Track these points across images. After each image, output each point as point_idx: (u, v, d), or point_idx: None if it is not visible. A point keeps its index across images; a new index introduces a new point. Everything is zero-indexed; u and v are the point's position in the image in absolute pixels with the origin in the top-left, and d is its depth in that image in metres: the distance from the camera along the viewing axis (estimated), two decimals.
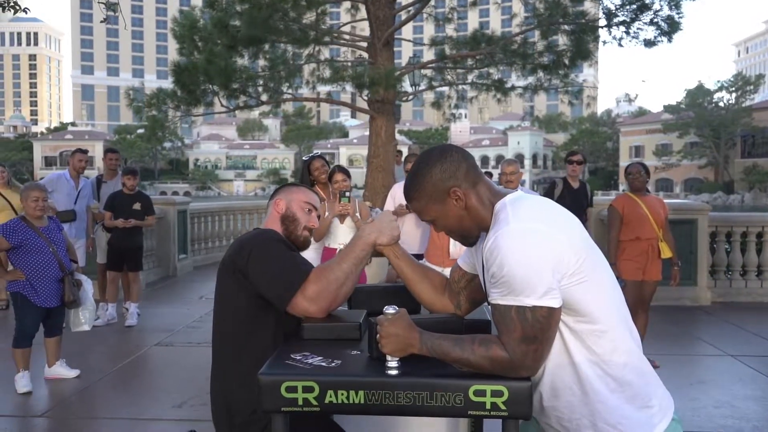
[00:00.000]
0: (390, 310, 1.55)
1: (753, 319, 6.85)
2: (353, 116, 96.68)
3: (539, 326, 1.44)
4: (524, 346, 1.44)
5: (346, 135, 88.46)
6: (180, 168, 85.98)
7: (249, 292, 1.93)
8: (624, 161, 62.15)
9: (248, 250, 1.94)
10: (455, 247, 4.99)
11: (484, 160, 77.32)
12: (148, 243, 7.93)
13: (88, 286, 4.81)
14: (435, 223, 1.68)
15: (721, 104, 57.02)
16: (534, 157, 79.85)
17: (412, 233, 5.74)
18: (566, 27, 9.51)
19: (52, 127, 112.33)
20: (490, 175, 10.76)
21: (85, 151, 6.80)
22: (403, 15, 10.88)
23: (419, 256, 5.01)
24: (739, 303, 7.45)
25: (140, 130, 72.08)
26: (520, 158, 72.10)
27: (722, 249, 7.99)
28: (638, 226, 5.52)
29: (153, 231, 8.50)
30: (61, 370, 4.74)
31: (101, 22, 7.42)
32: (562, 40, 10.20)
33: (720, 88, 56.97)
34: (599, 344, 1.52)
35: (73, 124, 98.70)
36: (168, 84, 10.41)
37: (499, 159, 76.50)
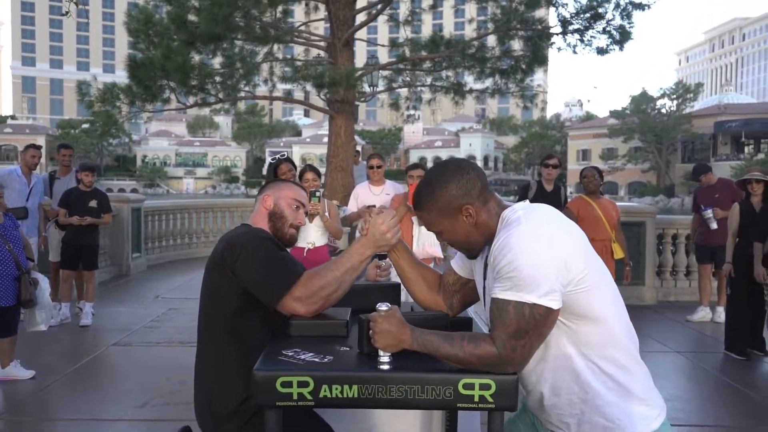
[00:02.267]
0: (383, 306, 1.61)
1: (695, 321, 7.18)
2: (306, 115, 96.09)
3: (534, 323, 1.49)
4: (514, 341, 1.50)
5: (299, 134, 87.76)
6: (127, 164, 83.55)
7: (238, 289, 1.95)
8: (572, 164, 63.80)
9: (238, 248, 1.96)
10: (418, 247, 5.08)
11: (437, 161, 78.09)
12: (101, 241, 7.74)
13: (45, 285, 4.69)
14: (441, 236, 1.72)
15: (664, 111, 59.13)
16: (486, 159, 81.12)
17: None
18: (523, 33, 9.75)
19: None
20: None
21: (39, 147, 6.60)
22: (362, 16, 10.92)
23: (383, 256, 5.07)
24: (684, 302, 7.81)
25: (85, 125, 69.89)
26: (471, 159, 73.05)
27: (668, 250, 8.35)
28: (592, 227, 5.72)
29: (106, 229, 8.30)
30: (16, 371, 4.59)
31: (63, 15, 7.20)
32: (517, 45, 10.44)
33: (662, 95, 59.05)
34: (600, 346, 1.59)
35: (12, 117, 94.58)
36: (115, 78, 10.17)
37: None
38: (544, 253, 1.49)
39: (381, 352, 1.59)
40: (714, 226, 6.64)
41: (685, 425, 4.08)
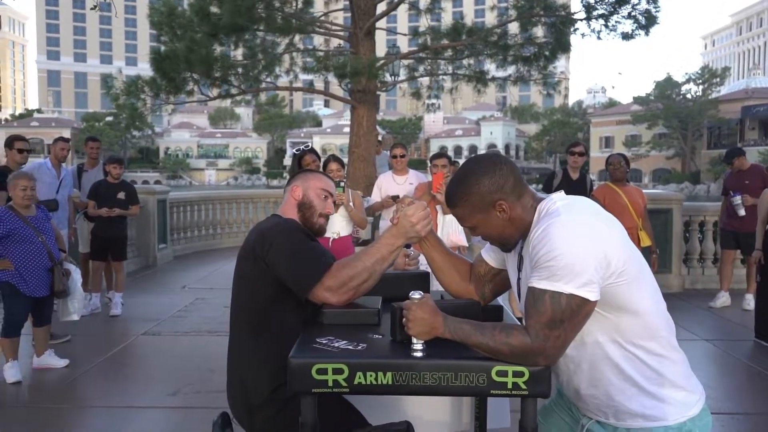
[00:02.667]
0: (416, 295, 1.62)
1: (732, 307, 7.10)
2: (326, 105, 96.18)
3: (569, 313, 1.49)
4: (548, 331, 1.50)
5: (319, 124, 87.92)
6: (150, 156, 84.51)
7: (269, 279, 1.98)
8: (594, 152, 63.02)
9: (270, 239, 1.99)
10: (442, 236, 5.08)
11: (458, 150, 77.70)
12: (128, 232, 7.86)
13: (77, 276, 4.79)
14: (475, 230, 1.72)
15: (689, 96, 58.10)
16: (507, 147, 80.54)
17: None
18: (546, 19, 9.64)
19: (17, 113, 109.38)
20: (455, 163, 10.80)
21: (67, 140, 6.70)
22: (383, 5, 10.89)
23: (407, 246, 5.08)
24: (711, 289, 7.70)
25: (109, 118, 70.77)
26: (492, 148, 72.71)
27: (695, 238, 8.24)
28: (619, 215, 5.59)
29: (133, 220, 8.43)
30: (51, 360, 4.72)
31: (92, 9, 7.29)
32: (540, 32, 10.32)
33: (687, 81, 57.99)
34: (638, 337, 1.59)
35: (39, 110, 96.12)
36: (138, 71, 10.27)
37: (473, 149, 77.02)
38: (583, 245, 1.48)
39: (414, 340, 1.61)
40: (742, 212, 6.56)
41: (715, 413, 4.04)
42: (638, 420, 1.62)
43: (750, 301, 6.63)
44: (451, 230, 5.09)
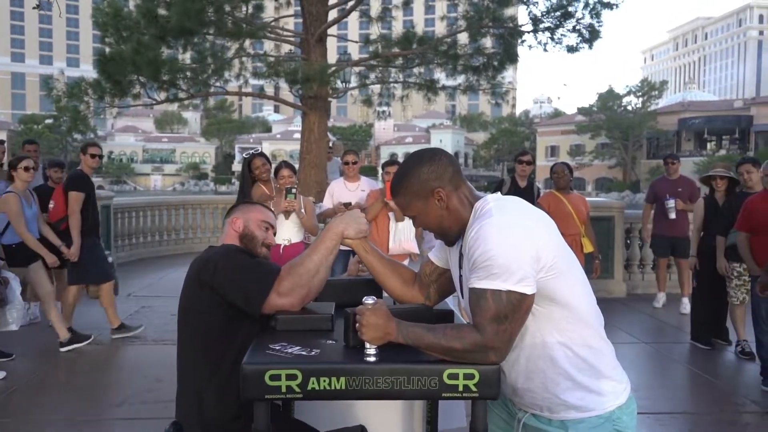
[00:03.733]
0: (369, 300, 1.64)
1: (662, 309, 7.40)
2: (276, 111, 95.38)
3: (511, 308, 1.56)
4: (495, 326, 1.56)
5: (269, 130, 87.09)
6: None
7: (218, 306, 1.96)
8: (540, 160, 64.51)
9: (213, 262, 1.98)
10: (395, 243, 5.14)
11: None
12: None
13: (16, 285, 4.62)
14: (416, 220, 1.79)
15: (629, 108, 60.21)
16: (456, 155, 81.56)
17: None
18: (494, 30, 9.87)
19: None
20: None
21: (2, 141, 6.46)
22: (335, 12, 10.91)
23: None
24: (651, 294, 8.00)
25: (49, 120, 68.23)
26: None
27: (635, 244, 8.55)
28: (563, 222, 5.84)
29: None
30: None
31: (33, 8, 7.04)
32: (489, 43, 10.54)
33: (628, 93, 60.10)
34: (571, 329, 1.68)
35: None
36: (80, 72, 9.96)
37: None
38: (515, 243, 1.56)
39: (367, 345, 1.63)
40: (673, 215, 6.89)
41: (653, 413, 4.21)
42: (571, 412, 1.69)
43: (686, 305, 6.93)
44: (403, 237, 5.15)
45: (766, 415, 4.12)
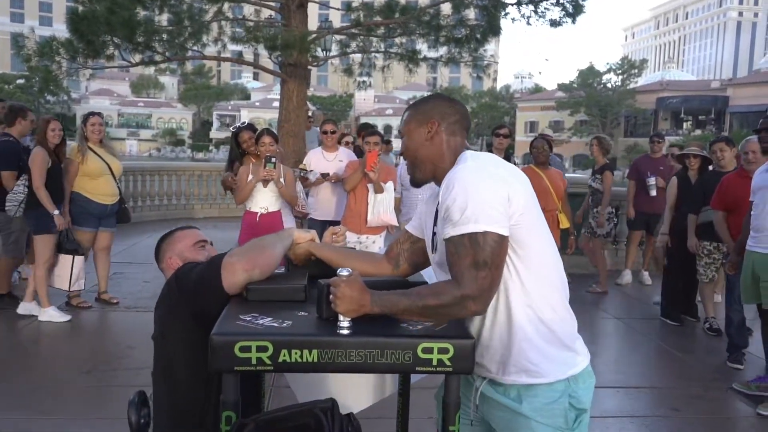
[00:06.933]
0: (344, 272, 1.60)
1: (635, 285, 7.52)
2: (256, 78, 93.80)
3: (489, 250, 1.53)
4: (474, 272, 1.53)
5: (248, 97, 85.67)
6: (66, 124, 79.37)
7: (189, 314, 1.87)
8: (520, 136, 64.63)
9: (173, 278, 1.94)
10: (373, 215, 5.10)
11: (387, 129, 77.81)
12: None
13: None
14: (403, 144, 1.83)
15: (609, 86, 60.43)
16: None
17: (327, 200, 5.78)
18: (478, 2, 9.73)
19: None
20: (389, 142, 10.86)
21: None
22: None
23: (336, 223, 5.08)
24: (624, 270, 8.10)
25: (20, 80, 66.38)
26: None
27: (611, 221, 8.61)
28: (541, 198, 5.71)
29: None
30: None
31: None
32: (472, 15, 10.41)
33: (608, 71, 60.21)
34: (536, 290, 1.65)
35: None
36: (53, 32, 9.63)
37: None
38: (488, 186, 1.57)
39: (341, 317, 1.59)
40: (653, 193, 7.01)
41: (624, 387, 4.29)
42: (522, 376, 1.67)
43: (647, 278, 7.48)
44: (381, 209, 5.11)
45: (729, 390, 4.21)
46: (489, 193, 1.56)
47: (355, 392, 2.27)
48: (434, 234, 1.76)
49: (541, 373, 1.66)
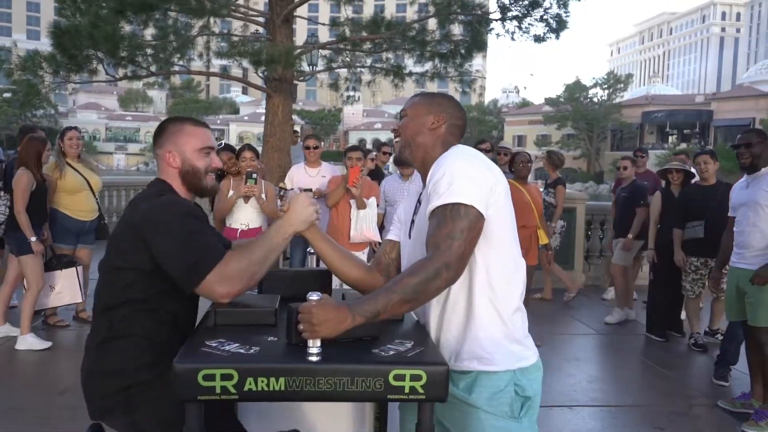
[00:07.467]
0: (314, 296, 1.54)
1: (611, 300, 7.48)
2: (245, 92, 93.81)
3: (467, 223, 1.59)
4: (450, 241, 1.56)
5: (236, 111, 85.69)
6: (53, 138, 79.25)
7: (151, 263, 1.80)
8: None
9: (154, 224, 1.80)
10: (356, 231, 5.05)
11: (376, 143, 78.10)
12: None
13: None
14: (402, 124, 1.90)
15: (595, 100, 61.01)
16: None
17: None
18: (463, 17, 9.78)
19: None
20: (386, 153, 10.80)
21: None
22: None
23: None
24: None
25: (7, 94, 65.94)
26: None
27: (596, 236, 8.63)
28: (522, 213, 5.78)
29: None
30: None
31: None
32: (457, 30, 10.45)
33: (594, 85, 60.86)
34: (499, 285, 1.71)
35: None
36: (40, 46, 9.53)
37: (392, 144, 77.51)
38: (477, 167, 1.67)
39: (310, 343, 1.53)
40: None
41: (605, 406, 4.24)
42: (474, 362, 1.70)
43: (610, 292, 7.45)
44: (365, 225, 5.06)
45: (715, 407, 4.18)
46: (477, 174, 1.65)
47: (332, 426, 2.20)
48: (413, 222, 1.85)
49: (493, 361, 1.69)
